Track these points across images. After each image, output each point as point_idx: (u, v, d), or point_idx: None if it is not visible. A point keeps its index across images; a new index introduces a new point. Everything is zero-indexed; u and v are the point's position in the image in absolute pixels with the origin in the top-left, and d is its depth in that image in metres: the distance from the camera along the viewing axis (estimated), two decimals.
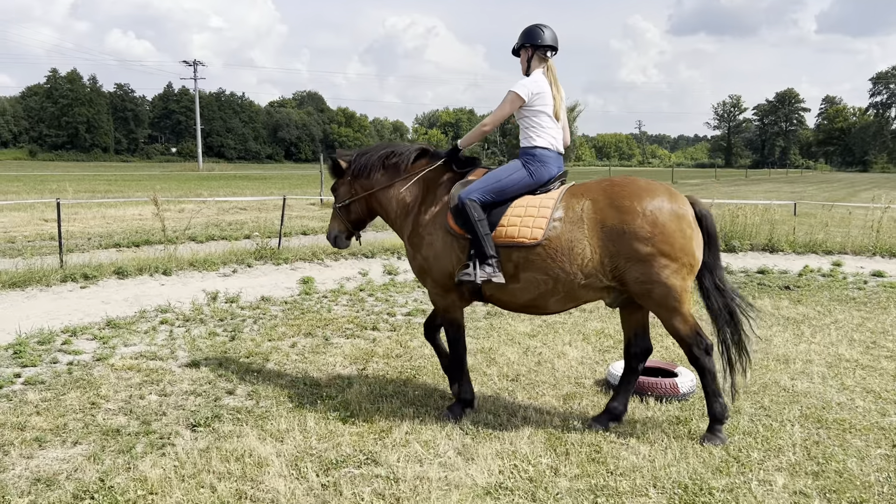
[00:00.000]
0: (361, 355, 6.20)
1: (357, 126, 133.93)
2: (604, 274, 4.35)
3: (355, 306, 8.28)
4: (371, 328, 7.19)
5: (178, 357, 6.06)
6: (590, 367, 5.97)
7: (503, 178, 4.66)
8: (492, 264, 4.44)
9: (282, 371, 5.71)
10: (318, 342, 6.62)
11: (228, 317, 7.58)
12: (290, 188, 34.99)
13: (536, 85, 4.72)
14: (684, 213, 4.31)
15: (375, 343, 6.63)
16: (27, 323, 7.12)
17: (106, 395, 5.02)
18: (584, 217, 4.38)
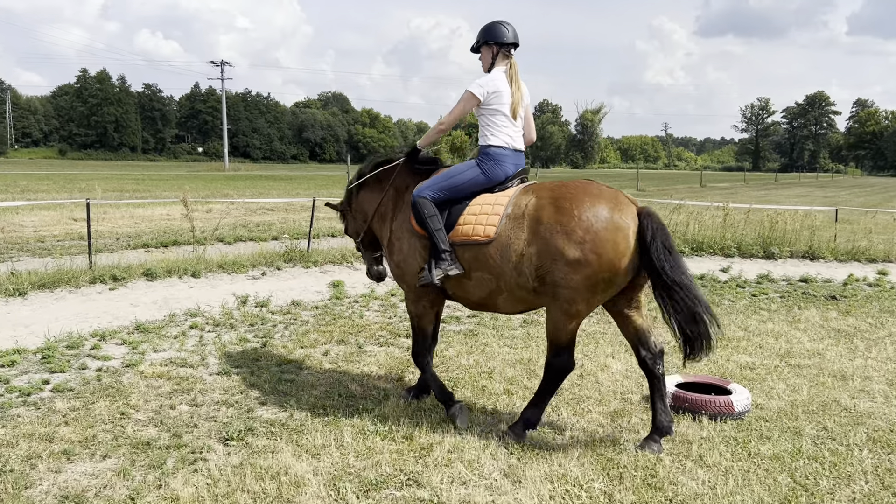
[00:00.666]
0: (396, 365, 5.99)
1: (381, 127, 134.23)
2: (530, 273, 4.26)
3: (387, 312, 8.07)
4: (405, 336, 6.98)
5: (208, 364, 5.89)
6: (635, 380, 5.70)
7: (455, 175, 4.70)
8: (446, 258, 4.48)
9: (315, 381, 5.51)
10: (352, 350, 6.42)
11: (259, 322, 7.41)
12: (315, 189, 34.99)
13: (493, 84, 4.69)
14: (623, 226, 4.13)
15: (410, 352, 6.41)
16: (56, 325, 7.00)
17: (136, 405, 4.85)
18: (526, 214, 4.33)
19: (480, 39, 4.85)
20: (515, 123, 4.79)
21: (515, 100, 4.76)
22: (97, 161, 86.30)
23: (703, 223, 13.82)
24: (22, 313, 7.50)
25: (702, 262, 11.92)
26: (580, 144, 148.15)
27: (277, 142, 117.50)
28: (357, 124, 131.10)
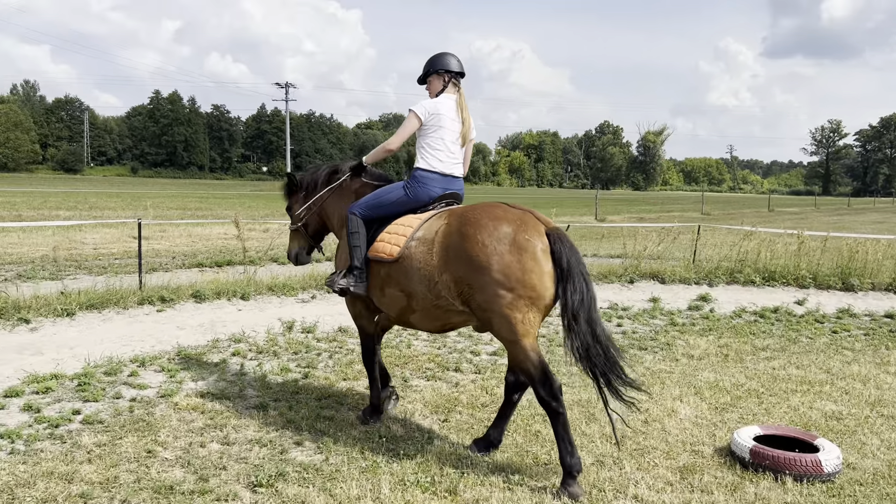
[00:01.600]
0: (443, 403, 5.57)
1: None
2: (453, 297, 4.30)
3: (436, 341, 7.68)
4: (453, 369, 6.57)
5: (246, 396, 5.60)
6: (707, 429, 5.15)
7: (382, 195, 4.88)
8: (355, 275, 4.69)
9: (356, 419, 5.14)
10: (396, 384, 6.04)
11: (303, 349, 7.12)
12: None
13: (435, 107, 4.81)
14: (527, 246, 4.10)
15: (458, 388, 5.99)
16: (100, 348, 6.85)
17: (164, 442, 4.57)
18: (435, 240, 4.39)
19: (429, 69, 4.96)
20: (452, 150, 4.89)
21: (467, 127, 4.93)
22: (166, 179, 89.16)
23: (776, 251, 13.01)
24: (68, 334, 7.40)
25: (774, 293, 11.16)
26: (642, 166, 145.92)
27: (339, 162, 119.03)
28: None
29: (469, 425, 5.12)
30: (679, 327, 8.78)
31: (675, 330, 8.61)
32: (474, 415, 5.35)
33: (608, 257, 15.32)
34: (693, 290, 11.11)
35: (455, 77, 4.95)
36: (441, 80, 4.94)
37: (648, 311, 9.76)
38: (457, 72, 4.94)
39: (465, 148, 5.04)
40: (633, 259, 12.31)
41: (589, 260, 14.40)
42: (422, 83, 5.09)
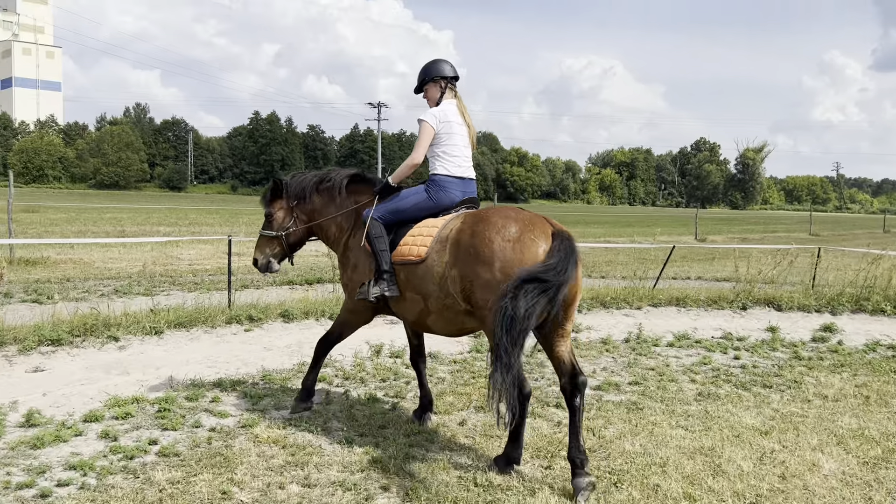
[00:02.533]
0: (545, 445, 4.98)
1: (529, 166, 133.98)
2: (457, 294, 4.42)
3: (533, 372, 7.08)
4: (554, 405, 5.96)
5: (330, 429, 5.18)
6: (860, 490, 4.34)
7: (404, 199, 4.98)
8: (385, 279, 4.74)
9: (448, 460, 4.62)
10: (492, 421, 5.47)
11: (392, 376, 6.68)
12: None
13: (444, 114, 4.97)
14: (532, 246, 4.23)
15: (561, 428, 5.38)
16: (185, 370, 6.64)
17: (241, 482, 4.18)
18: (449, 238, 4.53)
19: (424, 78, 5.12)
20: (465, 154, 5.04)
21: (471, 130, 5.09)
22: None
23: None
24: (155, 353, 7.24)
25: None
26: (740, 184, 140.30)
27: None
28: (505, 163, 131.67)
29: None
30: (805, 362, 7.84)
31: (802, 365, 7.69)
32: None
33: (714, 280, 14.31)
34: (814, 320, 10.06)
35: (450, 82, 5.11)
36: (437, 86, 5.11)
37: (767, 342, 8.83)
38: (451, 76, 5.10)
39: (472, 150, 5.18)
40: (744, 283, 11.32)
41: (694, 283, 13.45)
42: (418, 92, 5.24)
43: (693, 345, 8.67)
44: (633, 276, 12.98)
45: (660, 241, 19.78)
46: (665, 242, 19.13)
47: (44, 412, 5.24)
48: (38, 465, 4.28)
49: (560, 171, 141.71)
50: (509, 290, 3.97)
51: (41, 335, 6.93)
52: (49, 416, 5.19)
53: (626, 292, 10.94)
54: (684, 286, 12.40)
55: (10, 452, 4.47)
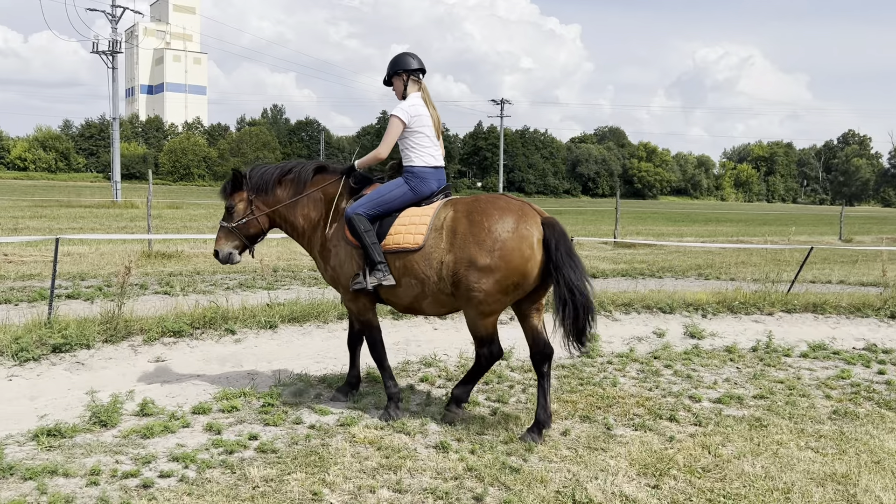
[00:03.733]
0: (653, 462, 4.62)
1: (658, 161, 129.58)
2: (447, 278, 4.81)
3: (647, 381, 6.67)
4: (668, 418, 5.56)
5: (427, 432, 5.07)
6: None
7: (386, 193, 5.19)
8: (380, 269, 4.97)
9: (546, 473, 4.38)
10: (598, 432, 5.18)
11: (495, 379, 6.49)
12: (583, 224, 33.98)
13: (414, 108, 5.22)
14: (527, 236, 4.70)
15: (673, 444, 4.99)
16: (295, 364, 6.78)
17: (333, 483, 4.13)
18: (444, 226, 4.88)
19: (390, 71, 5.36)
20: (436, 143, 5.31)
21: (436, 120, 5.29)
22: None
23: None
24: (268, 347, 7.43)
25: None
26: (894, 180, 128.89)
27: (551, 176, 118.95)
28: (633, 158, 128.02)
29: (687, 496, 4.14)
30: None
31: None
32: (692, 482, 4.35)
33: (859, 285, 13.09)
34: None
35: (414, 74, 5.32)
36: (401, 79, 5.34)
37: None
38: (416, 69, 5.32)
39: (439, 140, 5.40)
40: (893, 289, 10.25)
41: (835, 288, 12.35)
42: (387, 85, 5.46)
43: (830, 356, 7.91)
44: (765, 279, 12.09)
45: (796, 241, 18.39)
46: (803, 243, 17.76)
47: (157, 402, 5.46)
48: (146, 454, 4.43)
49: (692, 167, 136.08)
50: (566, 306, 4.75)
51: (164, 326, 7.27)
52: (162, 406, 5.40)
53: (756, 296, 10.18)
54: (823, 291, 11.38)
55: (122, 441, 4.67)
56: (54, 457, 4.35)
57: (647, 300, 9.99)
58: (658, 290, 11.01)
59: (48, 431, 4.68)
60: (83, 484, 4.01)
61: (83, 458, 4.36)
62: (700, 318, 9.55)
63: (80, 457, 4.37)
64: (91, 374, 6.16)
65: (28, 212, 28.37)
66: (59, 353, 6.41)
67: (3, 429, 4.86)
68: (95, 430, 4.84)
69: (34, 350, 6.26)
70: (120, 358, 6.64)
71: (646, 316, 9.63)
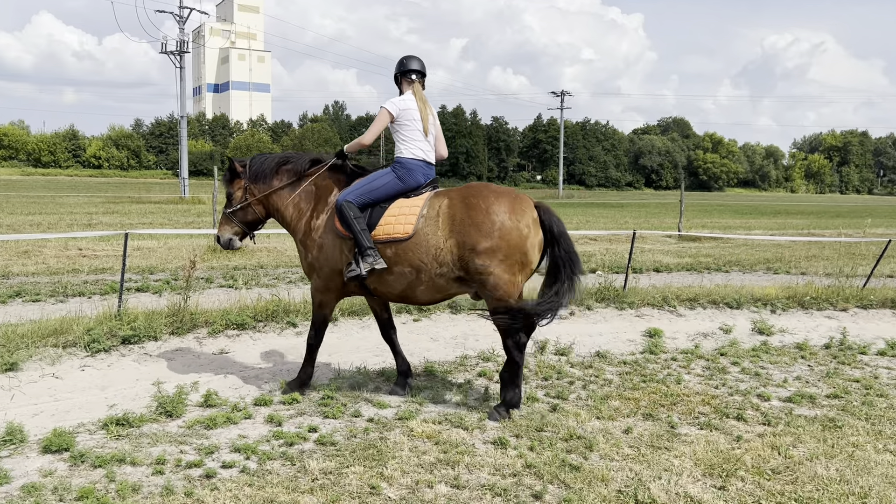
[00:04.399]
0: (720, 462, 4.46)
1: (724, 151, 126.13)
2: (453, 263, 5.03)
3: (713, 378, 6.46)
4: (734, 417, 5.36)
5: (485, 427, 5.02)
6: None
7: (374, 180, 5.37)
8: (371, 254, 5.11)
9: (608, 472, 4.27)
10: (661, 430, 5.04)
11: (554, 375, 6.39)
12: (646, 217, 33.35)
13: (403, 102, 5.48)
14: (523, 216, 4.98)
15: (740, 444, 4.81)
16: (354, 357, 6.82)
17: (390, 477, 4.13)
18: (441, 213, 5.10)
19: (396, 72, 5.68)
20: (427, 139, 5.52)
21: (424, 117, 5.49)
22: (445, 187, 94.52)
23: None
24: (328, 340, 7.46)
25: None
26: None
27: (613, 169, 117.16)
28: (698, 149, 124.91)
29: (755, 499, 3.98)
30: None
31: None
32: (761, 484, 4.18)
33: None
34: None
35: (409, 75, 5.59)
36: (405, 80, 5.64)
37: None
38: (416, 70, 5.59)
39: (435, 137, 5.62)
40: None
41: None
42: (397, 84, 5.73)
43: None
44: (839, 273, 11.62)
45: (872, 234, 17.58)
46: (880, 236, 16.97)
47: (221, 393, 5.57)
48: (209, 445, 4.52)
49: (760, 158, 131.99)
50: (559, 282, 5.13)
51: (228, 319, 7.42)
52: (225, 397, 5.50)
53: (829, 291, 9.78)
54: None
55: (187, 431, 4.78)
56: (122, 445, 4.47)
57: (712, 295, 9.70)
58: (724, 285, 10.69)
59: (117, 421, 4.82)
60: (149, 473, 4.11)
61: (149, 447, 4.47)
62: (769, 313, 9.22)
63: (147, 446, 4.49)
64: (158, 366, 6.33)
65: (101, 208, 29.49)
66: (128, 345, 6.62)
67: (75, 417, 5.03)
68: (161, 421, 4.97)
69: (105, 341, 6.47)
70: (185, 350, 6.81)
71: (711, 311, 9.36)
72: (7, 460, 4.23)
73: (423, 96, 5.59)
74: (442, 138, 5.74)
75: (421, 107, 5.49)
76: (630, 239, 13.30)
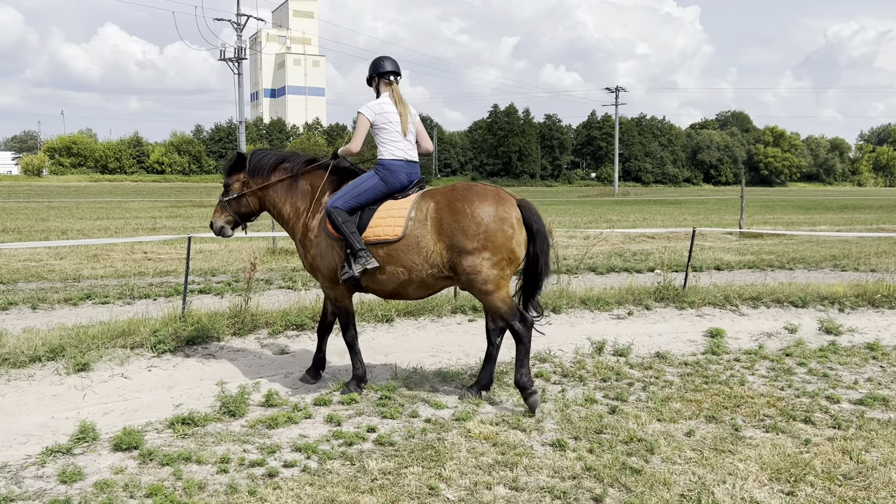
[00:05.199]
0: (787, 467, 4.32)
1: (787, 145, 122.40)
2: (443, 265, 5.24)
3: (779, 379, 6.27)
4: (802, 420, 5.19)
5: (543, 429, 4.98)
6: None
7: (359, 184, 5.53)
8: (363, 255, 5.27)
9: (670, 475, 4.18)
10: (724, 433, 4.91)
11: (613, 376, 6.30)
12: (705, 213, 32.63)
13: (380, 106, 5.60)
14: (507, 216, 5.20)
15: (809, 447, 4.66)
16: (410, 357, 6.86)
17: (449, 478, 4.13)
18: (428, 216, 5.27)
19: (370, 73, 5.77)
20: (407, 138, 5.65)
21: (403, 118, 5.62)
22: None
23: None
24: (384, 340, 7.58)
25: None
26: None
27: (670, 165, 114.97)
28: (759, 143, 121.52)
29: None
30: None
31: None
32: (832, 490, 4.03)
33: None
34: None
35: (387, 76, 5.69)
36: (375, 81, 5.76)
37: None
38: (390, 71, 5.69)
39: (417, 134, 5.74)
40: None
41: None
42: (369, 85, 5.83)
43: None
44: None
45: None
46: None
47: (281, 393, 5.68)
48: (271, 444, 4.61)
49: (824, 151, 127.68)
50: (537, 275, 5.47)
51: (287, 320, 7.56)
52: (285, 397, 5.60)
53: None
54: None
55: (249, 430, 4.88)
56: (188, 444, 4.60)
57: (776, 293, 9.43)
58: (789, 283, 10.38)
59: (183, 420, 4.96)
60: (214, 471, 4.21)
61: (214, 446, 4.59)
62: (837, 312, 8.91)
63: (212, 445, 4.60)
64: (220, 366, 6.49)
65: (165, 212, 30.42)
66: (192, 346, 6.81)
67: (143, 416, 5.20)
68: (225, 420, 5.09)
69: (170, 342, 6.67)
70: (247, 350, 6.96)
71: (775, 310, 9.10)
72: (81, 457, 4.40)
73: (401, 96, 5.70)
74: (424, 133, 5.82)
75: (400, 108, 5.61)
76: (689, 236, 13.04)
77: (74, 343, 6.48)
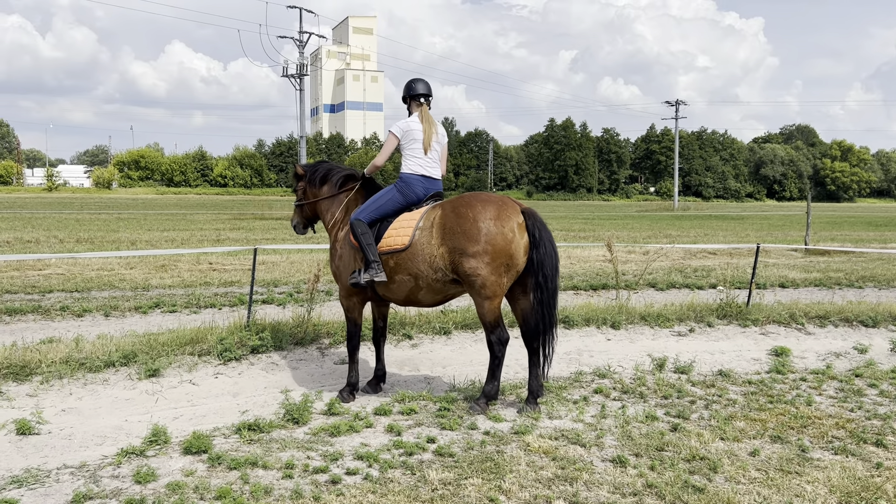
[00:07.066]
0: (857, 490, 4.20)
1: (855, 159, 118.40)
2: (446, 267, 5.48)
3: (848, 400, 6.08)
4: (873, 442, 5.03)
5: (603, 445, 4.95)
6: None
7: (379, 197, 5.90)
8: (374, 267, 5.60)
9: (734, 495, 4.11)
10: (791, 454, 4.80)
11: (674, 394, 6.21)
12: (768, 230, 31.81)
13: (407, 124, 5.98)
14: (508, 221, 5.41)
15: (881, 471, 4.51)
16: (467, 370, 6.92)
17: (508, 490, 4.15)
18: (434, 223, 5.56)
19: (404, 95, 6.19)
20: (428, 155, 5.97)
21: (427, 136, 5.94)
22: (557, 201, 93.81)
23: None
24: (442, 353, 7.65)
25: None
26: None
27: (732, 180, 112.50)
28: (825, 158, 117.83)
29: None
30: None
31: None
32: None
33: None
34: None
35: (419, 98, 6.08)
36: (408, 102, 6.17)
37: None
38: (423, 94, 6.08)
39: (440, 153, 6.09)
40: None
41: None
42: (405, 103, 6.22)
43: None
44: None
45: None
46: None
47: (343, 402, 5.78)
48: (333, 452, 4.71)
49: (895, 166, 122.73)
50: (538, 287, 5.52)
51: None
52: (346, 406, 5.72)
53: None
54: None
55: (313, 438, 4.99)
56: (254, 450, 4.73)
57: (845, 312, 9.15)
58: (858, 302, 10.05)
59: (248, 426, 5.11)
60: (279, 476, 4.33)
61: (279, 452, 4.71)
62: None
63: (276, 451, 4.73)
64: (284, 374, 6.65)
65: (228, 224, 31.26)
66: (256, 354, 7.00)
67: (211, 422, 5.37)
68: (289, 427, 5.22)
69: (236, 351, 6.87)
70: (309, 359, 7.12)
71: (844, 329, 8.82)
72: (153, 459, 4.58)
73: (430, 117, 6.04)
74: (445, 156, 6.19)
75: (426, 127, 5.95)
76: (752, 253, 12.71)
77: (145, 350, 6.74)
